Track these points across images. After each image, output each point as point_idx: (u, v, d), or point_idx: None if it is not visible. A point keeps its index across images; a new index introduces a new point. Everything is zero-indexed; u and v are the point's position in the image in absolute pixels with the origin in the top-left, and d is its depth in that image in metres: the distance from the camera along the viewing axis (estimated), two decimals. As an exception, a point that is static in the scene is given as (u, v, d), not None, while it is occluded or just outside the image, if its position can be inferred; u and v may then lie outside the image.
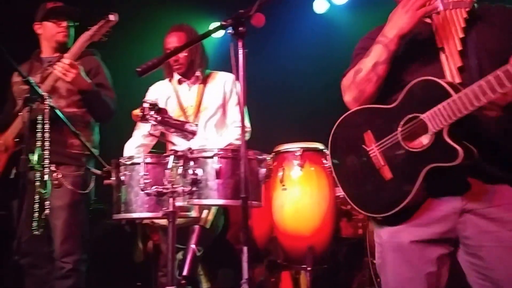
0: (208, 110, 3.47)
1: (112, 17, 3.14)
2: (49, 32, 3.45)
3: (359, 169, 2.10)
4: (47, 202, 2.78)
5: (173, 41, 3.44)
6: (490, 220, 1.91)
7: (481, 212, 1.92)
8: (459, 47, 1.95)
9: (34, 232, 2.79)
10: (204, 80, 3.53)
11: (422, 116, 1.88)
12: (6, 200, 3.33)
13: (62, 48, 3.42)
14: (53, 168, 3.00)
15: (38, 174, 2.74)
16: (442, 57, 1.98)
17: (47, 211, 2.77)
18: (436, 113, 1.85)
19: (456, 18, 2.00)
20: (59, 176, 2.94)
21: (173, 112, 3.42)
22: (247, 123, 3.44)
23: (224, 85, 3.53)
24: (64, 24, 3.42)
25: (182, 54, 3.42)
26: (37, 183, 2.73)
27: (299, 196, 3.40)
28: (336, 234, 3.45)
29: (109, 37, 3.20)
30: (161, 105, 3.41)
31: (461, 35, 1.95)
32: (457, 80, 1.90)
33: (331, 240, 3.50)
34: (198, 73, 3.51)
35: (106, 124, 3.58)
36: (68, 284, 3.21)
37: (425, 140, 1.90)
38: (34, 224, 2.78)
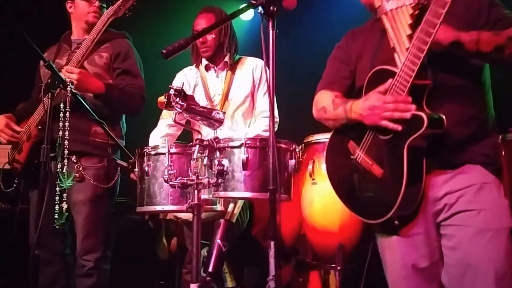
0: (236, 99, 3.36)
1: None
2: (80, 11, 3.34)
3: (355, 180, 2.19)
4: (64, 195, 2.72)
5: (202, 22, 3.34)
6: (462, 202, 1.99)
7: (454, 195, 2.01)
8: (407, 45, 1.99)
9: (56, 226, 2.73)
10: (233, 67, 3.42)
11: None
12: (28, 192, 3.28)
13: (92, 29, 3.27)
14: (74, 160, 2.95)
15: (59, 165, 2.68)
16: (395, 56, 2.05)
17: (64, 204, 2.70)
18: (391, 93, 1.98)
19: (403, 16, 2.04)
20: (81, 168, 2.89)
21: (200, 101, 3.30)
22: (276, 113, 3.30)
23: (253, 72, 3.42)
24: (97, 3, 3.31)
25: (210, 36, 3.32)
26: (58, 174, 2.67)
27: (329, 191, 3.22)
28: (367, 232, 3.34)
29: (134, 11, 3.12)
30: (188, 93, 3.37)
31: (408, 32, 2.00)
32: None
33: (362, 238, 3.39)
34: (226, 59, 3.41)
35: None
36: (90, 282, 3.13)
37: None
38: (55, 217, 2.72)
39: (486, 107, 2.11)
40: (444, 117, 1.93)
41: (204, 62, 3.47)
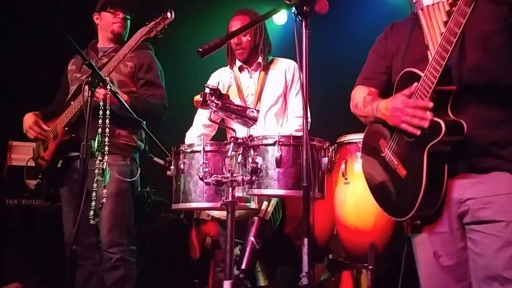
0: (269, 99, 3.41)
1: (169, 15, 3.18)
2: (105, 22, 3.52)
3: (384, 177, 2.21)
4: (105, 191, 2.77)
5: (236, 24, 3.40)
6: (487, 208, 1.95)
7: (479, 201, 1.97)
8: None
9: (91, 222, 2.77)
10: (266, 67, 3.48)
11: None
12: (55, 190, 3.37)
13: (117, 39, 3.50)
14: (99, 158, 2.98)
15: (97, 162, 2.72)
16: (428, 54, 2.02)
17: (103, 200, 2.74)
18: (415, 97, 1.98)
19: (438, 13, 1.99)
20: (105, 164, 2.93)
21: (233, 101, 3.35)
22: (308, 113, 3.38)
23: (286, 73, 3.47)
24: (121, 15, 3.49)
25: (246, 38, 3.40)
26: (97, 171, 2.71)
27: (362, 191, 3.20)
28: (399, 232, 3.32)
29: (166, 34, 3.25)
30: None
31: (442, 29, 1.93)
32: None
33: (394, 238, 3.38)
34: (259, 60, 3.46)
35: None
36: (118, 275, 3.19)
37: None
38: (91, 213, 2.76)
39: None
40: (464, 124, 1.91)
41: (238, 63, 3.54)
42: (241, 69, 3.54)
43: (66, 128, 3.26)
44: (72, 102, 3.27)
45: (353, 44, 5.03)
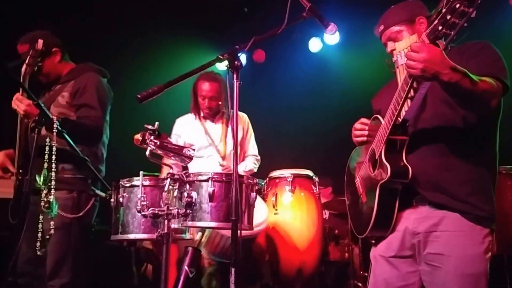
0: (230, 144, 3.67)
1: (36, 45, 2.96)
2: None
3: (354, 199, 2.38)
4: (52, 223, 2.67)
5: (210, 90, 3.74)
6: (437, 243, 2.06)
7: (429, 235, 2.08)
8: (411, 94, 2.03)
9: (38, 253, 2.70)
10: (227, 119, 3.81)
11: (372, 145, 2.19)
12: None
13: (45, 80, 3.24)
14: (44, 192, 2.87)
15: (43, 195, 2.61)
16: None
17: (52, 231, 2.65)
18: (376, 140, 2.16)
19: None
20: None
21: (203, 143, 3.74)
22: (257, 153, 3.85)
23: (243, 126, 3.88)
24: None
25: (217, 103, 3.76)
26: (42, 203, 2.61)
27: (290, 220, 3.40)
28: (324, 257, 3.43)
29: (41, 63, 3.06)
30: (188, 137, 3.73)
31: (414, 85, 2.02)
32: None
33: (320, 263, 3.49)
34: (221, 113, 3.82)
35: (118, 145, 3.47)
36: None
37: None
38: (37, 244, 2.69)
39: (472, 155, 2.10)
40: (410, 170, 2.04)
41: (202, 113, 3.84)
42: (205, 118, 3.84)
43: (20, 171, 2.91)
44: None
45: (286, 91, 5.28)
